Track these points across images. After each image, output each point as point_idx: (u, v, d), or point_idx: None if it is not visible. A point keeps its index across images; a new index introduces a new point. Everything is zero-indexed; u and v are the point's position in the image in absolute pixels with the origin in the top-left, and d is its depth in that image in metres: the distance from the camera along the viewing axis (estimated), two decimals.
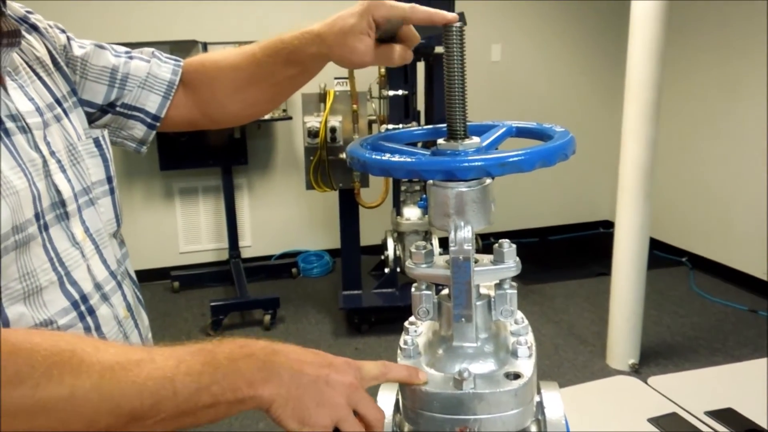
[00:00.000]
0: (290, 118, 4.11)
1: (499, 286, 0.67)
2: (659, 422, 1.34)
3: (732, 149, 4.00)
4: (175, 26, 4.01)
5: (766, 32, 3.62)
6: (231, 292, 4.00)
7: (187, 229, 4.41)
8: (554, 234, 5.08)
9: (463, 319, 0.65)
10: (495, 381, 0.63)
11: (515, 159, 0.59)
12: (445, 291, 0.67)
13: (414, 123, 3.41)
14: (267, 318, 3.62)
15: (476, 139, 0.66)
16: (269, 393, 0.58)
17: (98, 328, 0.74)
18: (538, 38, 4.74)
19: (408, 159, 0.62)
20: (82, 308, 0.72)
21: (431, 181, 0.64)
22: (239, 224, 4.31)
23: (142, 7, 3.96)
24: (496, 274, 0.66)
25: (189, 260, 4.39)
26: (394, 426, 0.66)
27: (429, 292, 0.68)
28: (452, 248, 0.63)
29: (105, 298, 0.77)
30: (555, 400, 0.67)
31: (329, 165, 3.45)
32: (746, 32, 3.79)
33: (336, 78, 3.43)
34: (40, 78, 0.78)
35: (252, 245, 4.51)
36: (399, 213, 3.52)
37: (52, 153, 0.73)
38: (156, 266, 4.19)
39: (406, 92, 3.33)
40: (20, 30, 0.73)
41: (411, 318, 0.71)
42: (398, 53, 0.80)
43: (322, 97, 3.44)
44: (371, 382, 0.63)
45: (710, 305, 3.77)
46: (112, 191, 0.84)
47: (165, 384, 0.55)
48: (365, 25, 0.77)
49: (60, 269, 0.70)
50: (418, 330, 0.71)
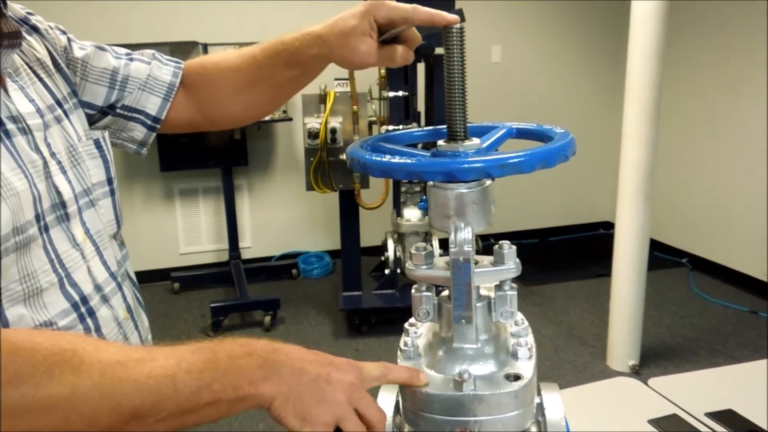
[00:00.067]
0: (290, 120, 4.11)
1: (500, 288, 0.67)
2: (660, 423, 1.34)
3: (732, 150, 4.00)
4: (175, 27, 4.01)
5: (766, 32, 3.62)
6: (231, 293, 4.00)
7: (188, 230, 4.41)
8: (554, 235, 5.08)
9: (464, 321, 0.65)
10: (495, 382, 0.63)
11: (515, 160, 0.59)
12: (446, 292, 0.67)
13: (414, 124, 3.41)
14: (267, 319, 3.62)
15: (476, 141, 0.66)
16: (270, 391, 0.58)
17: (98, 330, 0.74)
18: (538, 39, 4.74)
19: (408, 160, 0.62)
20: (83, 310, 0.72)
21: (431, 183, 0.64)
22: (239, 225, 4.31)
23: (142, 8, 3.97)
24: (497, 276, 0.66)
25: (189, 261, 4.39)
26: (395, 427, 0.66)
27: (429, 294, 0.68)
28: (452, 249, 0.63)
29: (105, 300, 0.77)
30: (555, 402, 0.67)
31: (329, 166, 3.45)
32: (746, 32, 3.79)
33: (336, 79, 3.43)
34: (41, 79, 0.78)
35: (252, 246, 4.51)
36: (399, 214, 3.52)
37: (53, 154, 0.73)
38: (156, 267, 4.19)
39: (407, 93, 3.33)
40: (21, 31, 0.73)
41: (411, 319, 0.71)
42: (400, 54, 0.80)
43: (323, 99, 3.44)
44: (372, 383, 0.63)
45: (710, 306, 3.77)
46: (113, 192, 0.84)
47: (166, 382, 0.55)
48: (367, 26, 0.77)
49: (60, 271, 0.70)
50: (419, 331, 0.71)
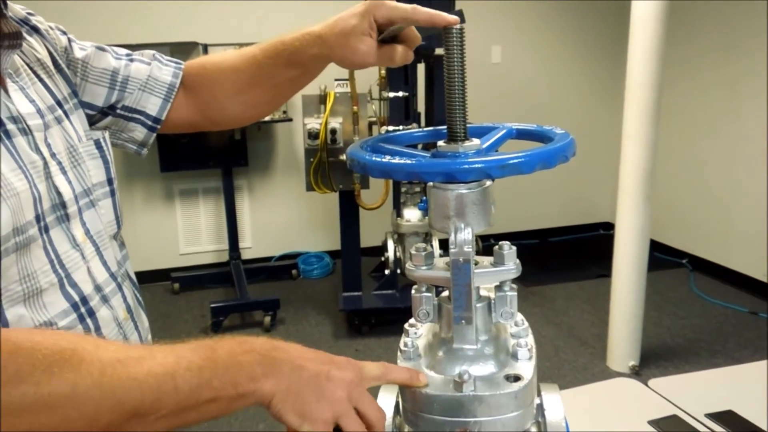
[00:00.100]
0: (290, 120, 4.11)
1: (500, 288, 0.67)
2: (660, 424, 1.34)
3: (732, 150, 4.00)
4: (175, 28, 4.01)
5: (766, 32, 3.62)
6: (231, 294, 3.99)
7: (188, 231, 4.41)
8: (554, 236, 5.08)
9: (463, 321, 0.65)
10: (495, 383, 0.63)
11: (515, 161, 0.59)
12: (446, 293, 0.67)
13: (414, 125, 3.41)
14: (267, 319, 3.62)
15: (476, 141, 0.66)
16: (270, 387, 0.58)
17: (98, 330, 0.74)
18: (539, 40, 4.74)
19: (408, 161, 0.62)
20: (82, 310, 0.72)
21: (431, 183, 0.64)
22: (239, 226, 4.31)
23: (142, 9, 3.97)
24: (497, 276, 0.66)
25: (189, 261, 4.39)
26: (394, 428, 0.66)
27: (429, 294, 0.68)
28: (452, 250, 0.63)
29: (105, 300, 0.77)
30: (555, 402, 0.67)
31: (329, 166, 3.45)
32: (746, 32, 3.79)
33: (336, 79, 3.43)
34: (41, 80, 0.78)
35: (252, 246, 4.51)
36: (399, 215, 3.52)
37: (53, 155, 0.73)
38: (156, 268, 4.19)
39: (407, 94, 3.33)
40: (21, 32, 0.73)
41: (411, 320, 0.71)
42: (400, 54, 0.80)
43: (323, 99, 3.44)
44: (372, 382, 0.63)
45: (710, 307, 3.77)
46: (113, 193, 0.84)
47: (166, 380, 0.55)
48: (366, 26, 0.77)
49: (60, 271, 0.70)
50: (418, 332, 0.71)
